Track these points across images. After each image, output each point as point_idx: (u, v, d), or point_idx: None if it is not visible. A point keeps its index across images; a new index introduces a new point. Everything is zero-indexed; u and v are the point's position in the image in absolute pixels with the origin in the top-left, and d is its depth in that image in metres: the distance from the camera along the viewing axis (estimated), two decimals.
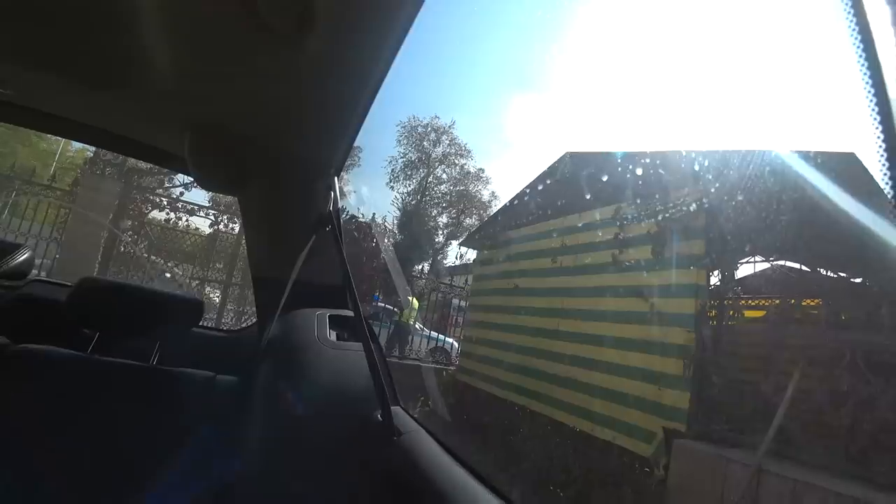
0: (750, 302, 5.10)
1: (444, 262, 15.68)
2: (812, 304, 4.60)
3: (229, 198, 6.15)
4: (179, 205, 7.93)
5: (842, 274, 5.56)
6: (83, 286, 1.30)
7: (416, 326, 8.83)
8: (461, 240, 13.28)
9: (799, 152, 3.76)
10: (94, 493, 1.15)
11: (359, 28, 0.77)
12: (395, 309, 8.65)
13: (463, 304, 9.21)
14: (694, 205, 4.35)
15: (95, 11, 0.86)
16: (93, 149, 7.48)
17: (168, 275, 7.82)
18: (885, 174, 0.32)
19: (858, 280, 5.28)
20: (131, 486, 1.17)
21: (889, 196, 0.32)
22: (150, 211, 8.01)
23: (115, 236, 7.50)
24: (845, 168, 3.48)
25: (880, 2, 0.32)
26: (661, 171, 4.70)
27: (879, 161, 0.33)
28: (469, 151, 16.99)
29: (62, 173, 9.31)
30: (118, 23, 0.86)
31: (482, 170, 17.20)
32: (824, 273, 5.60)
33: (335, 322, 1.25)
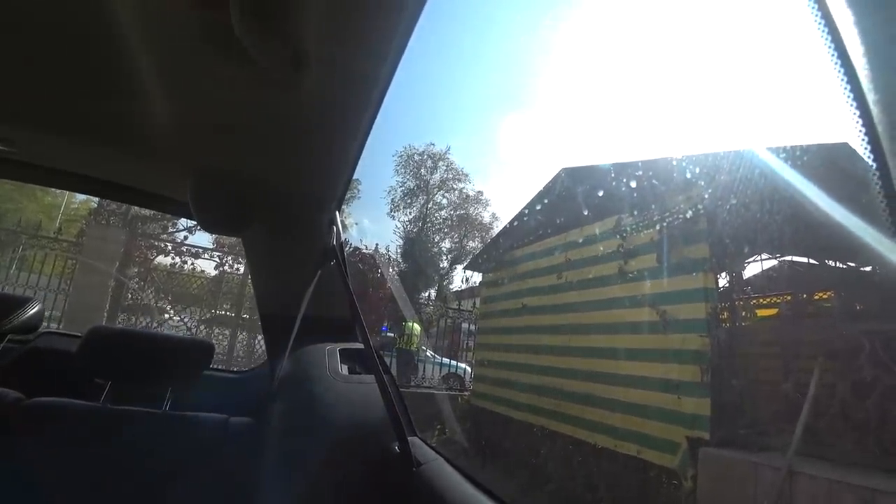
0: (761, 301, 5.04)
1: (451, 286, 15.66)
2: (824, 297, 4.55)
3: (233, 239, 6.20)
4: (184, 249, 8.01)
5: (850, 264, 5.51)
6: (92, 336, 1.31)
7: (428, 353, 8.74)
8: (465, 263, 13.28)
9: (793, 147, 3.78)
10: None
11: (350, 65, 0.80)
12: (395, 336, 8.58)
13: (472, 327, 9.14)
14: (692, 209, 4.35)
15: (92, 66, 0.89)
16: (97, 199, 7.61)
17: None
18: (870, 164, 0.33)
19: (868, 268, 5.23)
20: None
21: (876, 185, 0.33)
22: (156, 257, 8.10)
23: (123, 284, 7.55)
24: (839, 158, 3.49)
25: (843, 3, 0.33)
26: (656, 178, 4.72)
27: (864, 151, 0.34)
28: (466, 175, 17.20)
29: (67, 225, 9.42)
30: (116, 76, 0.88)
31: (481, 192, 17.38)
32: (833, 265, 5.55)
33: (346, 355, 1.25)
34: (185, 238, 8.16)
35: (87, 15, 0.77)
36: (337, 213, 1.31)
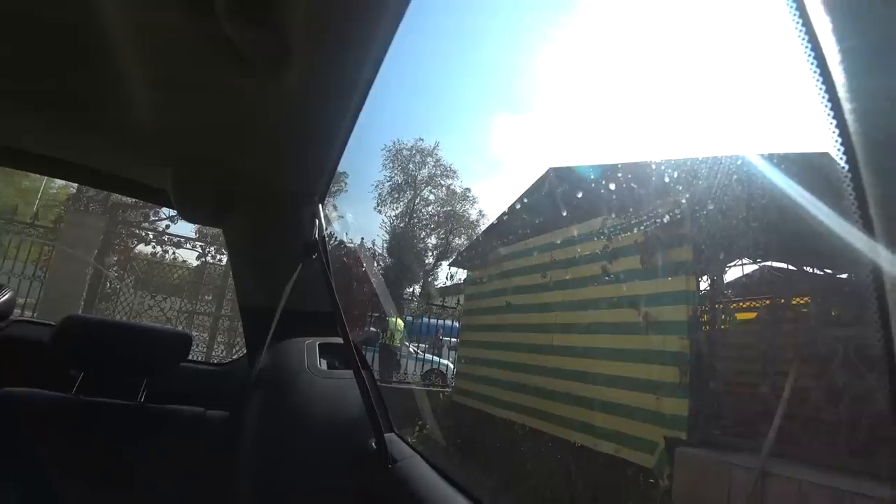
0: (741, 304, 5.15)
1: (435, 283, 15.65)
2: (801, 302, 4.65)
3: (216, 229, 6.12)
4: (165, 238, 7.85)
5: (827, 270, 5.64)
6: (67, 325, 1.28)
7: (410, 349, 8.76)
8: (451, 260, 13.28)
9: (777, 154, 3.84)
10: None
11: (336, 57, 0.78)
12: (378, 331, 8.59)
13: (456, 324, 9.17)
14: (678, 212, 4.41)
15: (74, 52, 0.87)
16: (76, 185, 7.41)
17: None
18: (845, 173, 0.34)
19: (844, 275, 5.36)
20: None
21: (850, 195, 0.33)
22: (136, 245, 7.92)
23: (101, 273, 7.39)
24: (821, 167, 3.56)
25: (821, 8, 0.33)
26: (643, 181, 4.77)
27: (839, 159, 0.34)
28: (455, 172, 17.17)
29: (45, 211, 9.15)
30: (97, 62, 0.86)
31: (468, 189, 17.36)
32: (810, 271, 5.67)
33: (325, 350, 1.24)
34: (167, 227, 7.97)
35: (68, 1, 0.75)
36: (320, 206, 1.30)
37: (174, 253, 7.88)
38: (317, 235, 1.25)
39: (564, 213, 5.77)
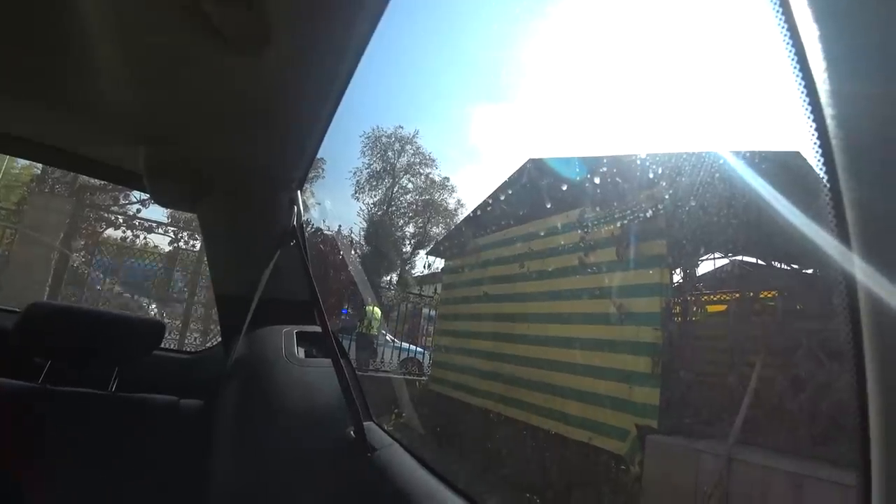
0: (712, 297, 5.28)
1: (413, 271, 15.62)
2: (769, 296, 4.80)
3: (189, 214, 5.95)
4: (136, 222, 7.59)
5: (794, 266, 5.83)
6: (33, 312, 1.23)
7: (388, 338, 8.75)
8: (428, 249, 13.25)
9: (750, 152, 3.93)
10: None
11: (317, 40, 0.76)
12: (357, 320, 8.56)
13: (433, 313, 9.19)
14: (654, 206, 4.48)
15: (43, 26, 0.83)
16: (40, 165, 7.11)
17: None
18: (822, 175, 0.35)
19: (809, 271, 5.54)
20: None
21: (826, 196, 0.34)
22: (105, 230, 7.65)
23: (67, 258, 7.13)
24: (791, 166, 3.66)
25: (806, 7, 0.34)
26: (622, 174, 4.83)
27: (817, 162, 0.35)
28: (434, 160, 17.04)
29: (7, 192, 8.77)
30: (68, 35, 0.82)
31: (447, 178, 17.28)
32: (778, 266, 5.85)
33: (303, 338, 1.23)
34: (138, 211, 7.70)
35: None
36: (299, 192, 1.27)
37: (145, 238, 7.65)
38: (295, 222, 1.23)
39: (543, 205, 5.81)
